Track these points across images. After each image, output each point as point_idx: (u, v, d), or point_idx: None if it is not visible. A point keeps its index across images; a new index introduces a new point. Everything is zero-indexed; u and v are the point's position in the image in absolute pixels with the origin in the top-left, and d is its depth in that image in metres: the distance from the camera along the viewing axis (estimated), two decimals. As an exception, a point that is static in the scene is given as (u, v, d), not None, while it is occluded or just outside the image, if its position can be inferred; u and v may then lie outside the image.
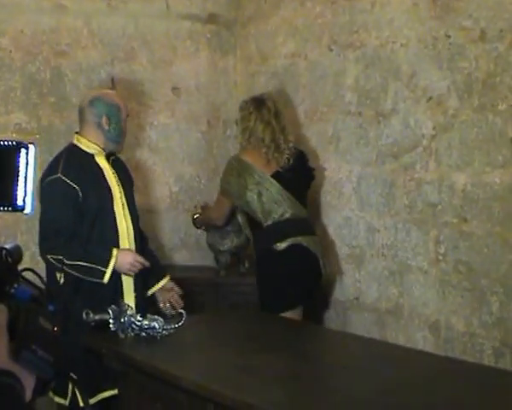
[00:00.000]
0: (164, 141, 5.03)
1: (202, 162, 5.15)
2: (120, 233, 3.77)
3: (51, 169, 3.74)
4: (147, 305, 3.53)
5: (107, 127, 3.79)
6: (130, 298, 3.67)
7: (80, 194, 3.68)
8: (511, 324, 3.70)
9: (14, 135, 4.48)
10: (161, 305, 3.90)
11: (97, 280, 3.64)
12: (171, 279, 3.99)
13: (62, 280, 3.70)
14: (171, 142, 5.05)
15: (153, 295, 3.95)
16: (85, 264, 3.64)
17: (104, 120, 3.79)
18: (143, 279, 3.85)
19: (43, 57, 4.66)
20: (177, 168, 5.07)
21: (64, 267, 3.62)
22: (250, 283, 4.49)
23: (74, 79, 4.72)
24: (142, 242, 3.95)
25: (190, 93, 5.10)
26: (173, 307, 3.85)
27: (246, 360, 2.95)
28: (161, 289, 3.94)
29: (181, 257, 4.99)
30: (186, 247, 5.06)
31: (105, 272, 3.63)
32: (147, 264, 3.71)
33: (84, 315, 3.21)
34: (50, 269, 3.72)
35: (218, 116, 5.19)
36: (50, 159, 3.86)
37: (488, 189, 3.77)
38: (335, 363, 2.84)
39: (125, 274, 3.69)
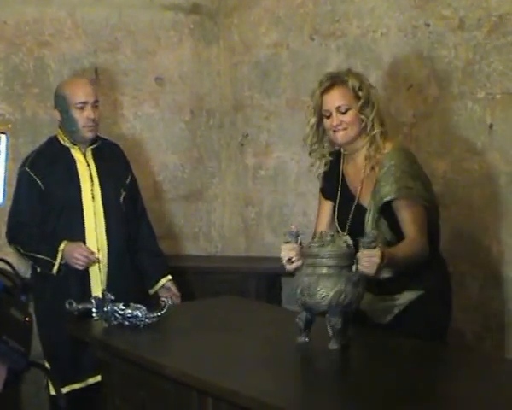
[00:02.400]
0: (148, 131, 5.02)
1: (186, 152, 5.16)
2: (87, 227, 3.80)
3: (23, 162, 3.86)
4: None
5: (59, 119, 3.84)
6: (97, 291, 3.71)
7: (43, 187, 3.76)
8: (491, 308, 3.75)
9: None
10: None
11: (48, 271, 3.74)
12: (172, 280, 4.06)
13: (39, 270, 3.79)
14: (155, 132, 5.05)
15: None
16: (37, 255, 3.72)
17: (55, 113, 3.88)
18: (126, 275, 3.92)
19: (27, 48, 4.63)
20: (160, 158, 5.07)
21: (24, 257, 3.74)
22: (235, 271, 4.53)
23: (58, 69, 4.70)
24: (121, 237, 3.95)
25: (174, 83, 5.10)
26: None
27: (231, 347, 2.98)
28: (161, 288, 4.03)
29: (165, 246, 4.98)
30: (170, 236, 5.08)
31: (54, 264, 3.71)
32: (93, 258, 3.75)
33: (67, 305, 3.25)
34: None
35: (202, 106, 5.19)
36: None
37: (467, 175, 3.82)
38: (322, 350, 2.85)
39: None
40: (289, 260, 2.89)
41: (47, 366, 3.84)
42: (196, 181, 5.20)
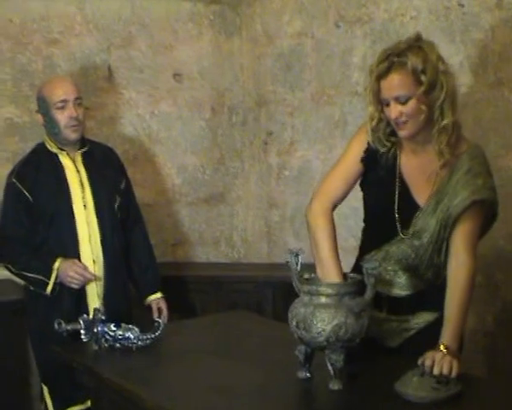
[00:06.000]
0: (165, 130, 4.75)
1: (207, 152, 4.86)
2: (80, 238, 3.52)
3: (11, 171, 3.64)
4: (120, 315, 3.27)
5: (42, 123, 3.60)
6: (94, 306, 3.44)
7: (31, 199, 3.52)
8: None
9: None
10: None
11: (41, 291, 3.48)
12: (163, 297, 3.81)
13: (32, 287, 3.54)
14: (173, 131, 4.77)
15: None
16: (29, 274, 3.48)
17: (39, 117, 3.65)
18: (124, 286, 3.69)
19: (34, 47, 4.40)
20: (179, 159, 4.79)
21: (16, 277, 3.50)
22: (252, 280, 4.26)
23: (68, 68, 4.46)
24: (117, 246, 3.67)
25: (193, 79, 4.81)
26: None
27: (225, 375, 2.66)
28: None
29: (183, 253, 4.73)
30: (188, 242, 4.81)
31: (48, 284, 3.46)
32: (89, 276, 3.48)
33: (55, 325, 3.02)
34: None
35: (223, 102, 4.89)
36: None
37: (504, 174, 3.43)
38: (324, 387, 2.48)
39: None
40: None
41: (45, 389, 3.62)
42: (218, 183, 4.91)
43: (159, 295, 3.77)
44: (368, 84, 2.67)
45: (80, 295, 3.52)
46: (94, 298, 3.53)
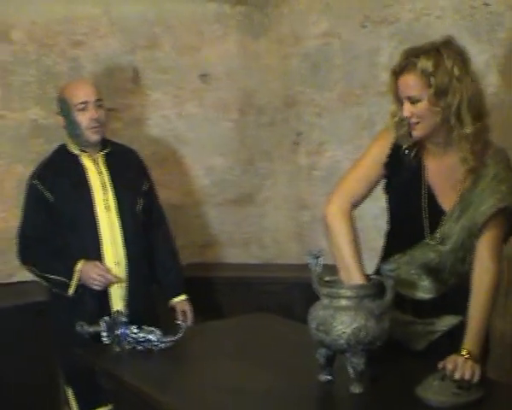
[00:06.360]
0: (192, 132, 4.71)
1: (234, 153, 4.80)
2: (103, 240, 3.52)
3: (31, 174, 3.62)
4: (144, 317, 3.25)
5: (63, 124, 3.59)
6: (118, 307, 3.45)
7: (53, 201, 3.50)
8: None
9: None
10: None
11: (63, 293, 3.48)
12: (187, 300, 3.78)
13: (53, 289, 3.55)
14: (200, 132, 4.72)
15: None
16: (51, 276, 3.48)
17: (59, 119, 3.63)
18: (148, 288, 3.68)
19: (59, 49, 4.40)
20: (207, 160, 4.75)
21: (40, 279, 3.50)
22: (281, 282, 4.23)
23: (93, 70, 4.44)
24: (140, 248, 3.65)
25: (219, 80, 4.75)
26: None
27: (245, 379, 2.64)
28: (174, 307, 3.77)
29: (212, 254, 4.69)
30: (218, 243, 4.77)
31: (70, 285, 3.45)
32: (111, 278, 3.47)
33: (77, 327, 3.06)
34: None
35: (251, 103, 4.81)
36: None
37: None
38: (346, 391, 2.44)
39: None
40: None
41: (70, 392, 3.63)
42: (246, 184, 4.84)
43: (183, 297, 3.74)
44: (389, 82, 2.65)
45: (104, 297, 3.51)
46: (117, 300, 3.52)
